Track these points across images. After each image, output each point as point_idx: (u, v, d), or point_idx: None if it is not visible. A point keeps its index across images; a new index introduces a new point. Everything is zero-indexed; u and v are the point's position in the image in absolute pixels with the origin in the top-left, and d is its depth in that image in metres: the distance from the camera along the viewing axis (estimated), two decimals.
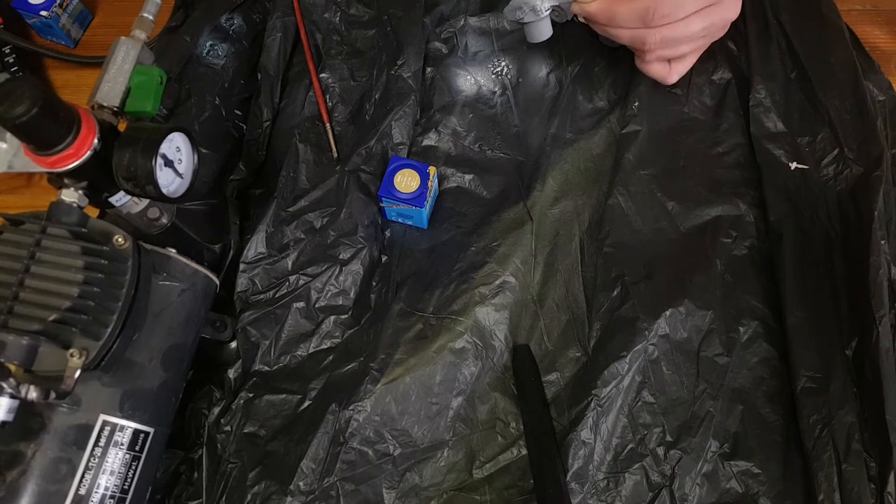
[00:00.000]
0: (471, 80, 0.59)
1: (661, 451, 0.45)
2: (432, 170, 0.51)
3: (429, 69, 0.59)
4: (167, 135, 0.38)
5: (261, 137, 0.56)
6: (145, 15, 0.42)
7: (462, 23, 0.60)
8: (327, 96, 0.58)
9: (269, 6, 0.60)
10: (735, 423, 0.45)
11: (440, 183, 0.55)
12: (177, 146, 0.40)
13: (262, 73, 0.57)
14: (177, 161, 0.40)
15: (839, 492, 0.41)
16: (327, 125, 0.56)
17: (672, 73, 0.53)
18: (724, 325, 0.48)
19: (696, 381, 0.46)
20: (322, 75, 0.59)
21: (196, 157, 0.41)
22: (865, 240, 0.46)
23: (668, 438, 0.45)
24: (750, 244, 0.51)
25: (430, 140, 0.57)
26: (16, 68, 0.59)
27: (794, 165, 0.51)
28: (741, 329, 0.48)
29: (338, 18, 0.61)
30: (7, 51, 0.59)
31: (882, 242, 0.45)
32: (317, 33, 0.60)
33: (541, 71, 0.59)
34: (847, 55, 0.51)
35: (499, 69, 0.59)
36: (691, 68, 0.55)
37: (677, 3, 0.48)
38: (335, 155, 0.55)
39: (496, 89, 0.59)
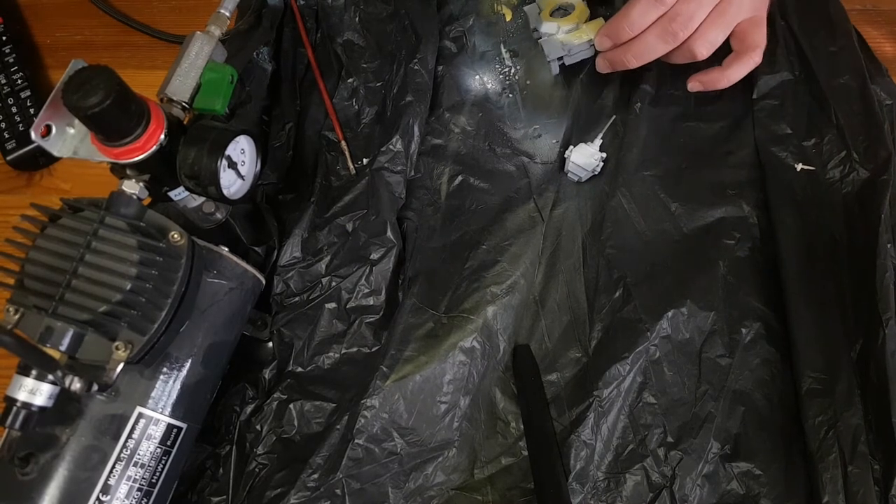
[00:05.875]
0: (479, 80, 0.59)
1: (661, 451, 0.45)
2: None
3: (439, 67, 0.59)
4: (235, 137, 0.37)
5: (285, 141, 0.56)
6: (222, 11, 0.42)
7: (471, 22, 0.60)
8: (354, 99, 0.57)
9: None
10: (736, 424, 0.45)
11: (450, 182, 0.55)
12: (241, 148, 0.39)
13: (283, 77, 0.57)
14: (240, 163, 0.39)
15: (844, 494, 0.41)
16: (342, 142, 0.55)
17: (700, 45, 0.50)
18: (726, 327, 0.48)
19: (697, 382, 0.46)
20: (349, 80, 0.58)
21: (259, 160, 0.41)
22: (871, 243, 0.45)
23: (669, 439, 0.45)
24: (753, 246, 0.50)
25: (439, 139, 0.57)
26: (16, 68, 0.58)
27: (800, 167, 0.51)
28: (743, 330, 0.48)
29: (357, 18, 0.61)
30: (7, 50, 0.59)
31: (888, 246, 0.45)
32: (338, 37, 0.60)
33: (548, 71, 0.59)
34: (855, 58, 0.51)
35: (507, 69, 0.59)
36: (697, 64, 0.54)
37: None
38: (353, 172, 0.54)
39: (504, 89, 0.59)
